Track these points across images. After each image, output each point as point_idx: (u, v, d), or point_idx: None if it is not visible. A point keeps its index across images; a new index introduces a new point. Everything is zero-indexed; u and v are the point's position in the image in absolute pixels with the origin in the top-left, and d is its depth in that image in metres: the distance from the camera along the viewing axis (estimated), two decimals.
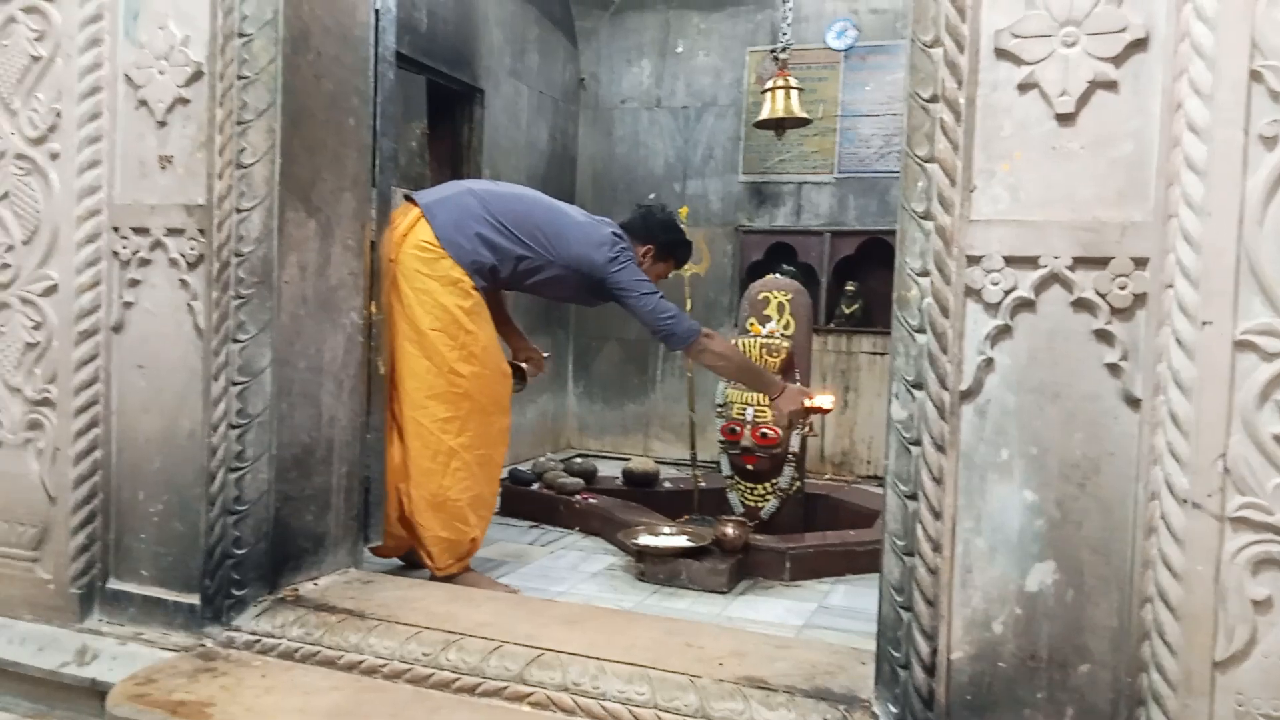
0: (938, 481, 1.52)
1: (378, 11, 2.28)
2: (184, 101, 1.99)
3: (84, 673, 1.96)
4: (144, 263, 2.04)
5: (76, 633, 2.05)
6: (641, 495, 3.79)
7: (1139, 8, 1.41)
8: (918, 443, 1.53)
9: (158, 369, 2.04)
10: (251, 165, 1.93)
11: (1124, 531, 1.43)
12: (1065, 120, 1.45)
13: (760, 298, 3.62)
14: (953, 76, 1.49)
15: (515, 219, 2.69)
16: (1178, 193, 1.37)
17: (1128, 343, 1.42)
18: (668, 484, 3.98)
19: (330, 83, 2.09)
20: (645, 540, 3.01)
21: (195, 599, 2.01)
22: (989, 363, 1.50)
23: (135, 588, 2.07)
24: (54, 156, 2.05)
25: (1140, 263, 1.41)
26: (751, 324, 3.57)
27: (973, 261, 1.49)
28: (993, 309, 1.49)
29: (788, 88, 4.22)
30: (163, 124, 2.01)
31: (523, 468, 4.02)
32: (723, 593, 2.83)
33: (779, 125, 4.34)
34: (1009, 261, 1.47)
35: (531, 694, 1.70)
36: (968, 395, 1.51)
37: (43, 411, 2.08)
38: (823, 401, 3.09)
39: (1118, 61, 1.42)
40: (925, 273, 1.52)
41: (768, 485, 3.42)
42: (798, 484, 3.47)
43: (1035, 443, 1.48)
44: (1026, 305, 1.48)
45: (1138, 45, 1.41)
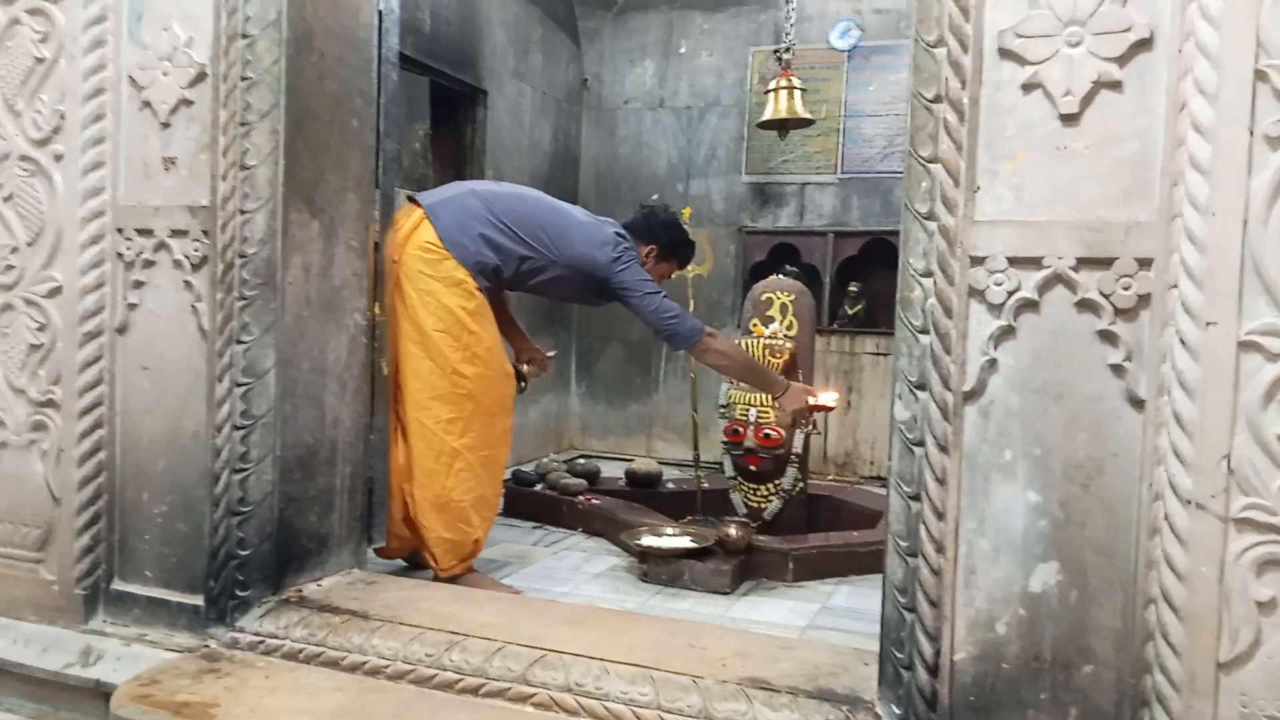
0: (941, 482, 1.52)
1: (381, 13, 2.29)
2: (188, 103, 1.99)
3: (88, 674, 1.96)
4: (148, 264, 2.04)
5: (81, 634, 2.05)
6: (644, 496, 3.79)
7: (1143, 7, 1.40)
8: (921, 443, 1.53)
9: (162, 370, 2.05)
10: (255, 166, 1.94)
11: (1128, 532, 1.43)
12: (1069, 120, 1.44)
13: (763, 298, 3.61)
14: (956, 76, 1.49)
15: (518, 219, 2.69)
16: (1182, 193, 1.37)
17: (1132, 343, 1.42)
18: (670, 485, 3.98)
19: (334, 84, 2.09)
20: (648, 541, 3.01)
21: (199, 600, 2.01)
22: (992, 363, 1.49)
23: (139, 589, 2.07)
24: (58, 158, 2.05)
25: (1144, 263, 1.41)
26: (754, 325, 3.57)
27: (976, 262, 1.49)
28: (996, 309, 1.49)
29: (791, 88, 4.22)
30: (166, 125, 2.01)
31: (526, 468, 4.02)
32: (726, 593, 2.83)
33: (782, 125, 4.34)
34: (1013, 262, 1.47)
35: (535, 695, 1.71)
36: (971, 396, 1.51)
37: (47, 413, 2.09)
38: (826, 399, 3.09)
39: (1122, 61, 1.41)
40: (929, 273, 1.52)
41: (771, 486, 3.42)
42: (801, 485, 3.46)
43: (1039, 443, 1.48)
44: (1030, 306, 1.47)
45: (1142, 45, 1.41)
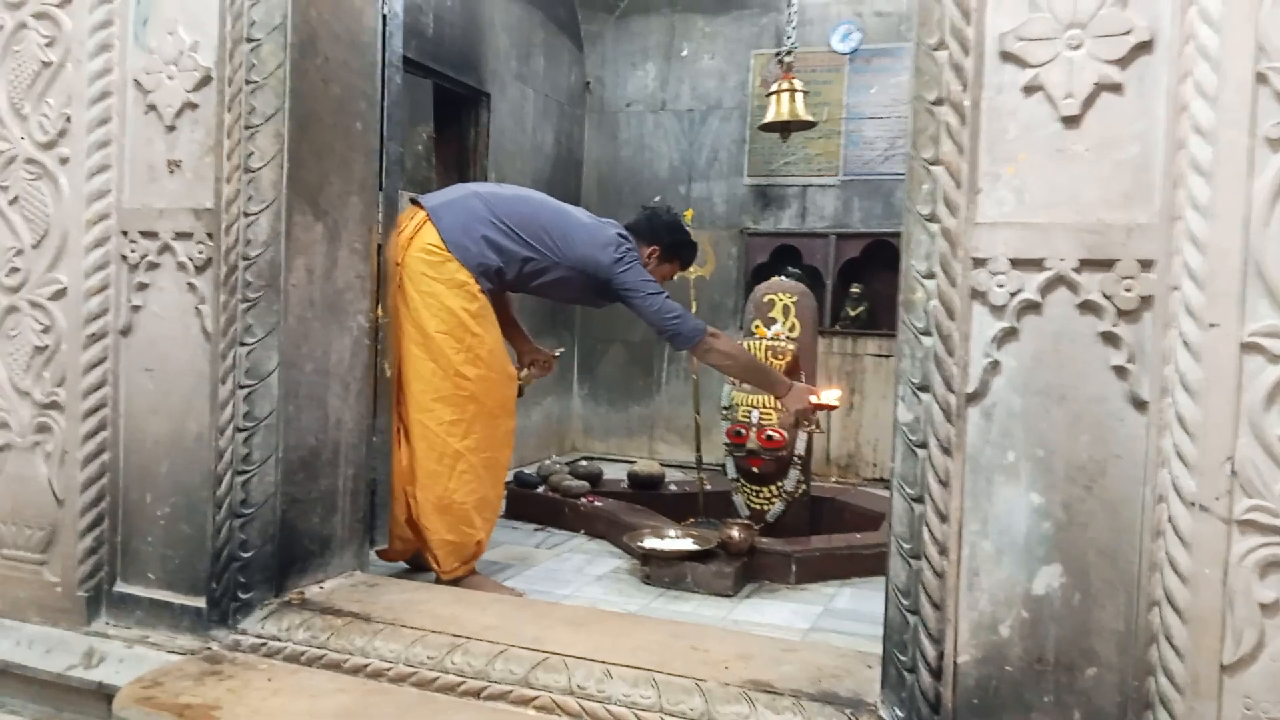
0: (944, 484, 1.51)
1: (385, 16, 2.29)
2: (192, 106, 2.00)
3: (91, 675, 1.96)
4: (152, 266, 2.04)
5: (83, 635, 2.05)
6: (647, 498, 3.79)
7: (1144, 10, 1.40)
8: (924, 445, 1.53)
9: (165, 372, 2.05)
10: (259, 169, 1.94)
11: (1131, 534, 1.43)
12: (1070, 123, 1.44)
13: (765, 300, 3.62)
14: (958, 79, 1.49)
15: (521, 221, 2.69)
16: (1183, 195, 1.37)
17: (1134, 345, 1.42)
18: (673, 487, 3.98)
19: (338, 87, 2.10)
20: (651, 543, 3.01)
21: (202, 602, 2.02)
22: (995, 365, 1.49)
23: (142, 590, 2.08)
24: (63, 161, 2.06)
25: (1146, 265, 1.41)
26: (756, 326, 3.57)
27: (978, 264, 1.49)
28: (998, 311, 1.49)
29: (792, 90, 4.22)
30: (171, 128, 2.02)
31: (528, 470, 4.02)
32: (728, 596, 2.83)
33: (784, 128, 4.35)
34: (1014, 264, 1.47)
35: (537, 697, 1.70)
36: (974, 398, 1.51)
37: (51, 415, 2.09)
38: (829, 398, 3.09)
39: (1123, 64, 1.42)
40: (931, 275, 1.52)
41: (773, 488, 3.42)
42: (803, 487, 3.47)
43: (1041, 445, 1.48)
44: (1032, 307, 1.47)
45: (1143, 48, 1.41)
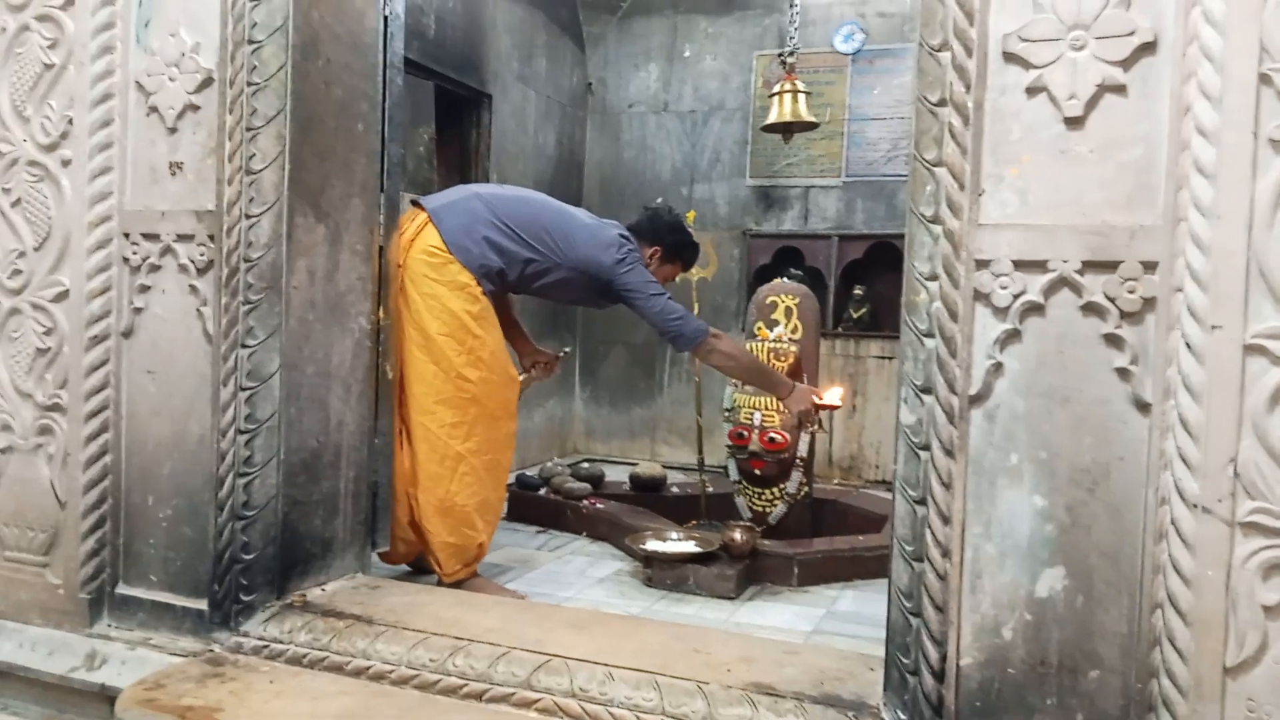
0: (946, 486, 1.51)
1: (386, 18, 2.29)
2: (194, 108, 2.00)
3: (93, 677, 1.96)
4: (154, 268, 2.05)
5: (86, 637, 2.05)
6: (649, 500, 3.78)
7: (1147, 11, 1.40)
8: (926, 447, 1.53)
9: (167, 374, 2.05)
10: (261, 171, 1.94)
11: (1134, 536, 1.42)
12: (1073, 124, 1.44)
13: (768, 302, 3.61)
14: (961, 80, 1.49)
15: (522, 222, 2.69)
16: (1187, 196, 1.37)
17: (1137, 347, 1.42)
18: (675, 489, 3.97)
19: (339, 89, 2.10)
20: (653, 545, 3.01)
21: (204, 604, 2.02)
22: (998, 367, 1.49)
23: (144, 593, 2.08)
24: (65, 163, 2.06)
25: (1149, 266, 1.40)
26: (759, 328, 3.57)
27: (981, 265, 1.49)
28: (1001, 313, 1.48)
29: (795, 91, 4.22)
30: (173, 130, 2.02)
31: (530, 472, 4.02)
32: (730, 598, 2.83)
33: (786, 129, 4.35)
34: (1018, 265, 1.47)
35: (539, 700, 1.70)
36: (977, 400, 1.50)
37: (53, 417, 2.09)
38: (832, 397, 3.08)
39: (1126, 65, 1.41)
40: (934, 277, 1.52)
41: (775, 490, 3.41)
42: (805, 489, 3.46)
43: (1044, 447, 1.47)
44: (1035, 309, 1.47)
45: (1146, 49, 1.40)
